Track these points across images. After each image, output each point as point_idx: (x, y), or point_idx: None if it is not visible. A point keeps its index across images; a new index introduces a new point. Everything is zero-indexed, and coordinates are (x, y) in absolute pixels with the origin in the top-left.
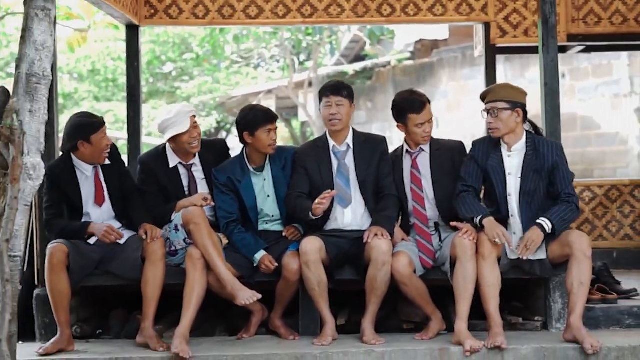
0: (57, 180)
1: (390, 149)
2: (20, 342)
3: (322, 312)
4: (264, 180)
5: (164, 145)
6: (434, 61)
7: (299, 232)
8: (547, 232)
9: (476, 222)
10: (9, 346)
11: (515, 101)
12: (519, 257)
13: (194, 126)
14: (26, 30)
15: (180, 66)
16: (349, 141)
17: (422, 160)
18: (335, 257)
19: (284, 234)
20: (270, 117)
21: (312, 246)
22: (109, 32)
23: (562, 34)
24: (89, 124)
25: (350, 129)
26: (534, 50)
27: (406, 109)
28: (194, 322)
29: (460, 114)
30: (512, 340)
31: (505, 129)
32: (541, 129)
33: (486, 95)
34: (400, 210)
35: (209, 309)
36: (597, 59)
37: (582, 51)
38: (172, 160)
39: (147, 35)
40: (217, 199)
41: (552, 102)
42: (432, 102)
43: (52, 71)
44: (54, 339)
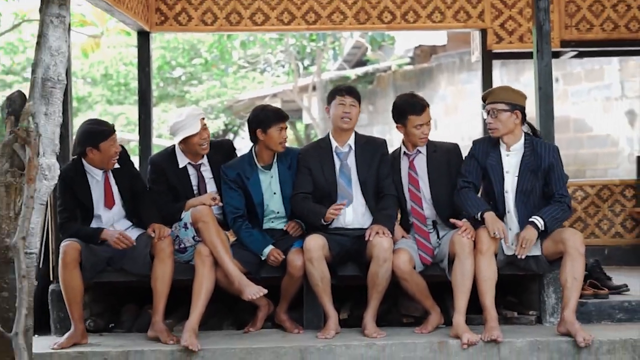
0: (70, 183)
1: (390, 150)
2: (36, 335)
3: (326, 306)
4: (271, 177)
5: (174, 146)
6: (433, 66)
7: (301, 228)
8: (540, 229)
9: (477, 217)
10: (25, 339)
11: (514, 103)
12: (518, 256)
13: (204, 128)
14: (42, 36)
15: (189, 71)
16: (351, 142)
17: (419, 161)
18: (337, 253)
19: (284, 228)
20: (282, 116)
21: (316, 243)
22: (121, 38)
23: (556, 40)
24: (98, 132)
25: (353, 131)
26: (528, 55)
27: (407, 110)
28: (202, 316)
29: (458, 117)
30: (507, 333)
31: (503, 129)
32: (539, 131)
33: (487, 96)
34: (399, 209)
35: (217, 303)
36: (589, 64)
37: (575, 56)
38: (182, 160)
39: (157, 41)
40: (225, 194)
41: (546, 106)
42: (431, 106)
43: (66, 76)
44: (68, 333)
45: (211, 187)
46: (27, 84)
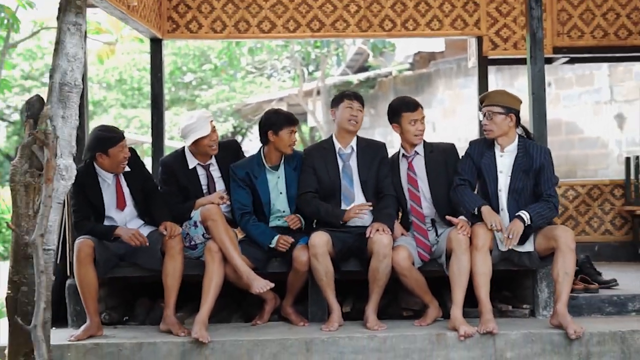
0: (81, 186)
1: (390, 152)
2: (53, 327)
3: (329, 300)
4: (278, 178)
5: (183, 148)
6: (431, 71)
7: (300, 222)
8: (526, 223)
9: (474, 211)
10: (43, 331)
11: (509, 107)
12: (505, 247)
13: (213, 130)
14: (59, 43)
15: (199, 76)
16: (353, 145)
17: (418, 162)
18: (340, 250)
19: (284, 219)
20: (293, 120)
21: (320, 240)
22: (135, 45)
23: (548, 47)
24: (107, 138)
25: (356, 133)
26: (522, 61)
27: (400, 108)
28: (212, 309)
29: (455, 119)
30: (502, 326)
31: (498, 131)
32: (532, 134)
33: (484, 98)
34: (399, 208)
35: (226, 297)
36: (580, 70)
37: (567, 62)
38: (191, 161)
39: (169, 48)
40: (234, 192)
41: (539, 109)
42: (430, 109)
43: (82, 81)
44: (84, 326)
45: (220, 186)
46: (46, 88)
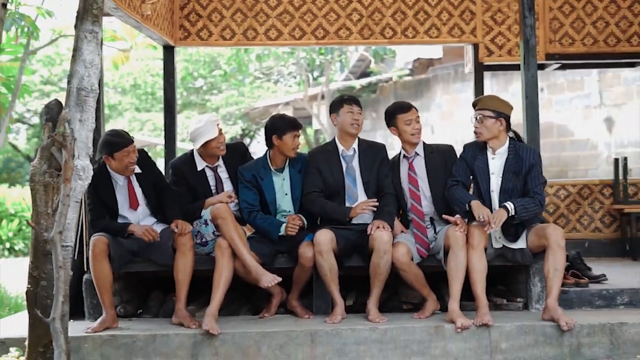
0: (96, 186)
1: (391, 153)
2: (71, 320)
3: (333, 294)
4: (283, 179)
5: (192, 150)
6: (430, 77)
7: (302, 221)
8: (510, 213)
9: (465, 207)
10: (61, 324)
11: (500, 111)
12: (486, 230)
13: (220, 133)
14: (76, 50)
15: (210, 81)
16: (355, 146)
17: (418, 163)
18: (344, 247)
19: (286, 218)
20: (296, 125)
21: (325, 237)
22: (148, 52)
23: (541, 54)
24: (113, 143)
25: (357, 136)
26: (516, 67)
27: (395, 111)
28: (222, 303)
29: (452, 123)
30: (497, 318)
31: (488, 134)
32: (523, 137)
33: (477, 103)
34: (399, 206)
35: (235, 291)
36: (571, 75)
37: (558, 68)
38: (200, 163)
39: (181, 54)
40: (242, 193)
41: (532, 113)
42: (428, 113)
43: (99, 86)
44: (100, 319)
45: (227, 186)
46: (64, 93)
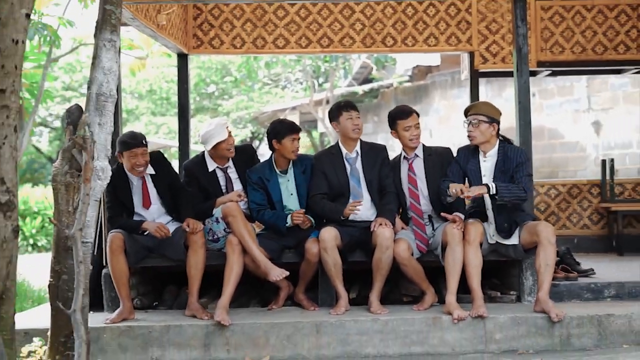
0: (114, 186)
1: (391, 155)
2: (91, 312)
3: (337, 287)
4: (288, 180)
5: (203, 153)
6: (428, 83)
7: (310, 221)
8: (491, 192)
9: (447, 191)
10: (82, 315)
11: (493, 117)
12: (462, 196)
13: (229, 135)
14: (96, 58)
15: (221, 87)
16: (358, 149)
17: (417, 164)
18: (347, 243)
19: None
20: (294, 128)
21: (329, 234)
22: (163, 59)
23: (533, 61)
24: (124, 143)
25: (358, 139)
26: (509, 74)
27: (396, 116)
28: (232, 295)
29: (449, 126)
30: (491, 310)
31: (481, 138)
32: (511, 140)
33: (469, 109)
34: (399, 204)
35: (245, 285)
36: (561, 82)
37: (549, 75)
38: (211, 164)
39: (194, 62)
40: (250, 194)
41: (525, 117)
42: (427, 117)
43: (117, 91)
44: (117, 311)
45: (237, 186)
46: (84, 98)
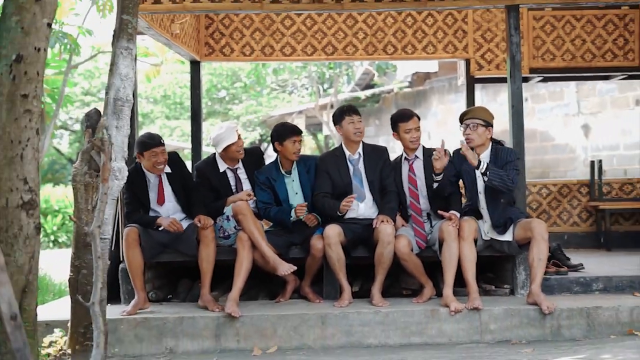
0: (131, 183)
1: (392, 156)
2: (109, 304)
3: (341, 281)
4: (293, 180)
5: (214, 154)
6: (427, 89)
7: (317, 219)
8: (482, 169)
9: (434, 177)
10: (100, 308)
11: (488, 121)
12: (441, 160)
13: (239, 138)
14: (113, 64)
15: (231, 92)
16: (360, 151)
17: (417, 165)
18: (351, 239)
19: (303, 219)
20: (295, 131)
21: (333, 231)
22: (177, 66)
23: (526, 68)
24: (143, 143)
25: (360, 141)
26: (503, 80)
27: (397, 119)
28: (242, 289)
29: (447, 130)
30: (486, 303)
31: (478, 140)
32: (502, 141)
33: (465, 114)
34: (400, 203)
35: (254, 279)
36: (552, 87)
37: (541, 81)
38: (222, 166)
39: (206, 68)
40: (258, 194)
41: (518, 120)
42: (425, 121)
43: (133, 96)
44: (132, 302)
45: (247, 186)
46: (102, 103)
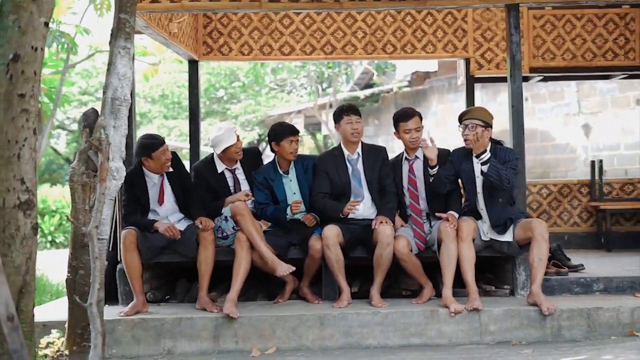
0: (131, 184)
1: (391, 156)
2: (106, 305)
3: (340, 282)
4: (290, 180)
5: (212, 155)
6: (427, 88)
7: (315, 219)
8: (484, 158)
9: (430, 171)
10: (98, 308)
11: (487, 122)
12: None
13: (238, 139)
14: (111, 64)
15: (230, 92)
16: (359, 151)
17: (417, 165)
18: (349, 239)
19: (302, 219)
20: (292, 130)
21: (332, 232)
22: (175, 65)
23: (526, 67)
24: (150, 144)
25: (359, 141)
26: (503, 79)
27: (398, 118)
28: (241, 290)
29: (446, 129)
30: (486, 303)
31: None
32: (502, 141)
33: (465, 114)
34: (399, 203)
35: (253, 280)
36: (552, 87)
37: (541, 80)
38: (220, 166)
39: (204, 68)
40: (255, 194)
41: (518, 120)
42: (424, 120)
43: (131, 96)
44: (131, 304)
45: (245, 186)
46: (100, 102)
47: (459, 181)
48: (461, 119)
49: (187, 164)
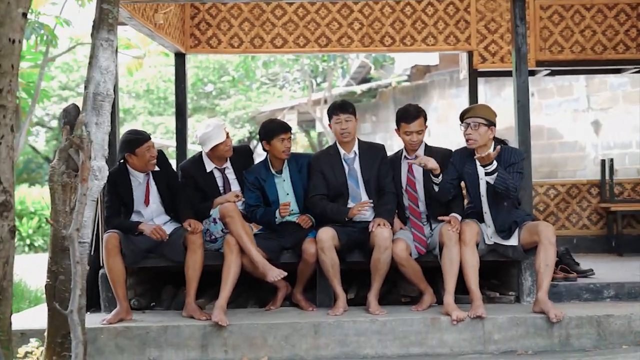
0: (114, 184)
1: (389, 153)
2: (88, 312)
3: (335, 288)
4: (284, 180)
5: (200, 153)
6: (427, 82)
7: (311, 221)
8: (492, 167)
9: (432, 178)
10: (79, 316)
11: (491, 120)
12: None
13: (227, 136)
14: (93, 57)
15: (219, 87)
16: (355, 149)
17: (417, 166)
18: (345, 243)
19: (296, 221)
20: (284, 128)
21: (327, 235)
22: (161, 59)
23: (532, 60)
24: (134, 140)
25: (356, 139)
26: (508, 73)
27: (401, 117)
28: (230, 296)
29: (448, 125)
30: (490, 311)
31: (481, 141)
32: (506, 141)
33: (466, 112)
34: (397, 204)
35: (243, 285)
36: (560, 81)
37: (548, 74)
38: (208, 165)
39: (191, 61)
40: (246, 194)
41: (524, 116)
42: None
43: (114, 91)
44: (114, 311)
45: (235, 186)
46: (81, 98)
47: (462, 183)
48: (463, 118)
49: (173, 163)
